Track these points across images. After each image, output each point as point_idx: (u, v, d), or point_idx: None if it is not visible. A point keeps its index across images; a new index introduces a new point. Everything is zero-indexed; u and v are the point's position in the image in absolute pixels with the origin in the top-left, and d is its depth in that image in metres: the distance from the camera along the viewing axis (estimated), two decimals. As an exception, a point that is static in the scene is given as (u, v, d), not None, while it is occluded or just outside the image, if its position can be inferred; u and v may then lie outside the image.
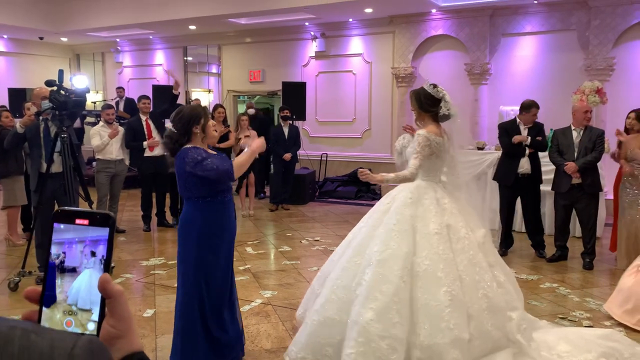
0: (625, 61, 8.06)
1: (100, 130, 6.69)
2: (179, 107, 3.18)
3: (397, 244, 3.08)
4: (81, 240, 0.69)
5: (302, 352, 3.12)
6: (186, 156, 2.98)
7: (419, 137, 3.34)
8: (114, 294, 0.67)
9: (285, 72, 10.83)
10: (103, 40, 12.76)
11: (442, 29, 9.38)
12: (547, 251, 5.84)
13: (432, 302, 2.93)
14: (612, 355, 3.17)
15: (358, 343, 2.87)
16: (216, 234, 3.08)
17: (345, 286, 3.14)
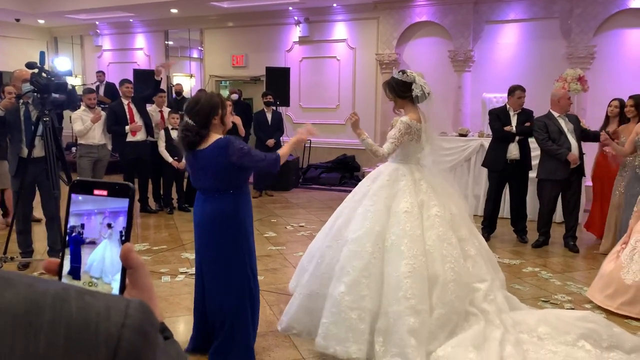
0: (606, 49, 8.17)
1: (82, 114, 6.56)
2: (194, 96, 3.04)
3: (370, 223, 3.30)
4: (100, 211, 0.67)
5: (291, 322, 3.48)
6: (230, 146, 2.84)
7: (400, 124, 3.47)
8: (136, 265, 0.66)
9: (268, 57, 10.74)
10: (82, 23, 12.49)
11: (426, 16, 9.38)
12: (529, 237, 5.94)
13: (394, 273, 3.16)
14: (590, 337, 3.26)
15: (331, 313, 3.17)
16: (249, 222, 3.11)
17: (327, 263, 3.41)
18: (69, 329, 0.49)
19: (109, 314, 0.50)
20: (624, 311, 3.94)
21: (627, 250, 4.09)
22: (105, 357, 0.49)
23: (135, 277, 0.67)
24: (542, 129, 5.59)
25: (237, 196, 2.99)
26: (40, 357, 0.47)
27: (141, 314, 0.53)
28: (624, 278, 3.98)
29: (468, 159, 7.24)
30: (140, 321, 0.52)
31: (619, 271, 4.04)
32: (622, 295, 3.97)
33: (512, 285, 4.50)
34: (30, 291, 0.50)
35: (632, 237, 4.14)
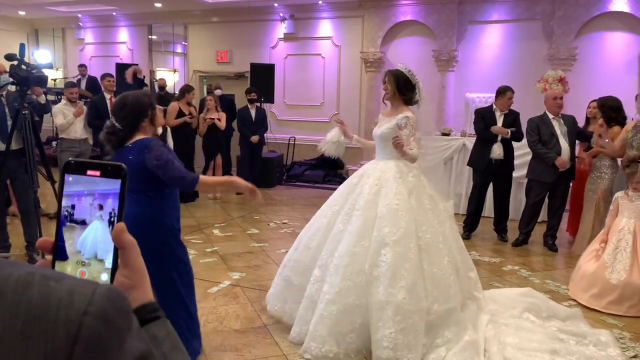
0: (587, 51, 8.29)
1: (63, 108, 6.48)
2: (120, 98, 2.81)
3: (406, 223, 3.23)
4: (90, 193, 0.68)
5: (326, 345, 3.12)
6: (149, 150, 2.66)
7: (409, 120, 3.48)
8: (127, 244, 0.67)
9: (253, 54, 10.70)
10: (63, 15, 12.30)
11: (410, 15, 9.42)
12: (509, 235, 6.01)
13: (440, 271, 3.22)
14: (532, 309, 3.71)
15: (396, 322, 3.03)
16: (172, 226, 2.86)
17: (358, 271, 3.18)
18: (29, 313, 0.48)
19: (72, 299, 0.50)
20: (611, 310, 3.99)
21: (609, 249, 4.13)
22: (65, 343, 0.48)
23: (127, 256, 0.67)
24: (534, 130, 5.62)
25: (157, 199, 2.77)
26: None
27: (106, 301, 0.52)
28: (609, 278, 4.03)
29: (450, 158, 7.30)
30: (104, 308, 0.51)
31: (604, 271, 4.08)
32: (608, 295, 4.02)
33: (492, 283, 4.56)
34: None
35: (613, 236, 4.17)
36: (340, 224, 3.40)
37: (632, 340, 3.56)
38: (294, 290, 3.51)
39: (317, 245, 3.48)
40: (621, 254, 4.08)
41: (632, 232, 4.14)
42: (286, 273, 3.63)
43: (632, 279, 3.98)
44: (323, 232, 3.49)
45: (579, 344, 3.36)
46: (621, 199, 4.30)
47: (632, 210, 4.21)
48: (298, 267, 3.55)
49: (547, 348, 3.23)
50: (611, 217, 4.33)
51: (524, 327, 3.50)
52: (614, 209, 4.33)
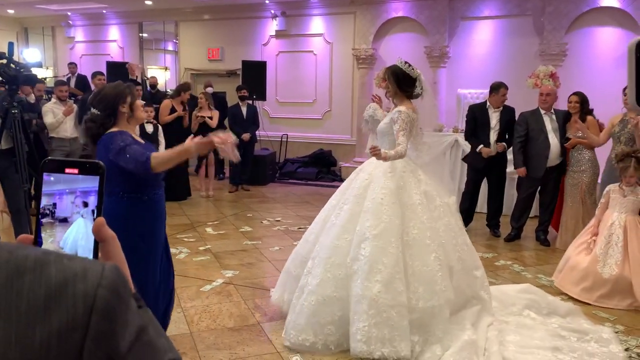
0: (578, 47, 8.33)
1: (53, 107, 6.44)
2: (99, 88, 2.82)
3: (388, 217, 3.22)
4: (72, 191, 0.70)
5: (303, 334, 3.16)
6: (111, 142, 2.55)
7: (400, 114, 3.43)
8: (107, 238, 0.69)
9: (245, 51, 10.67)
10: (53, 13, 12.21)
11: (402, 11, 9.42)
12: (502, 231, 6.04)
13: (425, 267, 3.18)
14: (533, 306, 3.71)
15: (370, 315, 3.03)
16: (143, 236, 2.67)
17: (339, 264, 3.22)
18: (49, 289, 0.53)
19: (85, 274, 0.55)
20: (601, 303, 4.02)
21: (601, 243, 4.14)
22: (83, 313, 0.53)
23: (107, 249, 0.69)
24: (521, 126, 5.65)
25: (128, 199, 2.60)
26: (22, 315, 0.52)
27: (116, 276, 0.57)
28: (600, 272, 4.04)
29: (443, 154, 7.31)
30: (114, 282, 0.56)
31: (595, 265, 4.09)
32: (599, 289, 4.04)
33: (484, 278, 4.57)
34: (12, 257, 0.55)
35: (605, 230, 4.18)
36: (334, 217, 3.45)
37: (624, 334, 3.59)
38: (292, 281, 3.58)
39: (314, 238, 3.54)
40: (612, 248, 4.10)
41: (622, 226, 4.15)
42: (287, 264, 3.73)
43: (624, 273, 4.00)
44: (320, 225, 3.55)
45: (580, 341, 3.35)
46: (613, 193, 4.29)
47: (623, 205, 4.22)
48: (297, 258, 3.63)
49: (549, 345, 3.21)
50: (601, 210, 4.33)
51: (525, 324, 3.50)
52: (605, 201, 4.32)
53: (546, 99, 5.62)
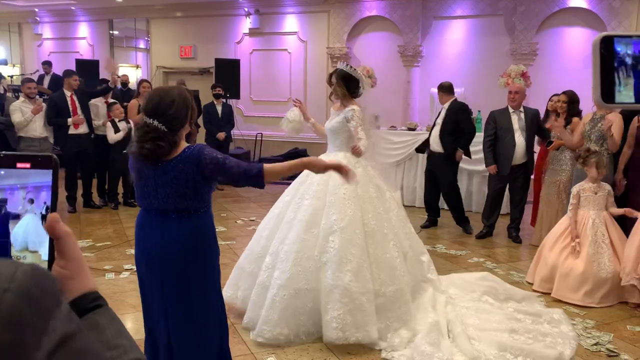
0: (548, 46, 8.48)
1: (21, 105, 6.27)
2: (165, 91, 2.32)
3: (352, 210, 3.41)
4: (23, 186, 0.68)
5: (277, 328, 3.25)
6: (203, 156, 2.23)
7: (354, 112, 3.68)
8: (61, 234, 0.66)
9: (218, 49, 10.57)
10: (19, 9, 11.90)
11: (376, 10, 9.45)
12: (475, 228, 6.10)
13: (385, 255, 3.41)
14: (491, 292, 3.99)
15: (344, 303, 3.20)
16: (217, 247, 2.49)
17: (308, 257, 3.35)
18: None
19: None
20: (602, 304, 4.00)
21: (590, 244, 4.10)
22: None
23: (63, 247, 0.67)
24: (491, 123, 5.74)
25: (207, 214, 2.37)
26: None
27: (29, 279, 0.51)
28: (598, 272, 4.02)
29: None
30: (26, 286, 0.51)
31: (592, 267, 4.05)
32: (600, 289, 4.02)
33: (458, 275, 4.61)
34: None
35: (588, 230, 4.14)
36: (291, 212, 3.56)
37: (596, 329, 3.66)
38: (246, 277, 3.62)
39: (269, 233, 3.63)
40: (601, 246, 4.09)
41: (603, 223, 4.17)
42: (240, 261, 3.78)
43: (616, 268, 4.03)
44: (275, 221, 3.65)
45: (534, 323, 3.63)
46: (584, 192, 4.28)
47: (596, 202, 4.23)
48: (251, 255, 3.68)
49: (505, 328, 3.47)
50: (574, 211, 4.28)
51: (484, 309, 3.77)
52: (577, 202, 4.29)
53: (514, 97, 5.69)
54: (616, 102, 0.66)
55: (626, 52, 0.65)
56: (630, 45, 0.65)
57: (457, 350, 3.16)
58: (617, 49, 0.65)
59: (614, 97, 0.65)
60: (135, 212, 7.54)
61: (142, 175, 2.30)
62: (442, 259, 5.13)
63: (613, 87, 0.65)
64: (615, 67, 0.65)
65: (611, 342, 3.44)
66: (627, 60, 0.65)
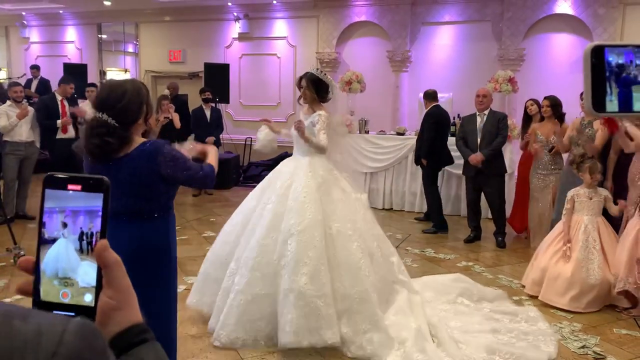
0: (535, 52, 8.56)
1: (7, 109, 6.22)
2: (116, 85, 2.19)
3: (312, 214, 3.41)
4: (62, 209, 0.65)
5: (234, 334, 3.25)
6: (160, 153, 2.13)
7: (321, 117, 3.69)
8: (110, 263, 0.63)
9: (207, 53, 10.55)
10: (6, 13, 11.80)
11: (365, 16, 9.50)
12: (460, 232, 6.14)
13: (349, 256, 3.40)
14: (465, 294, 4.05)
15: (298, 307, 3.17)
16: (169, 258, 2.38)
17: (267, 262, 3.33)
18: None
19: (39, 340, 0.46)
20: (589, 309, 4.00)
21: (580, 250, 4.09)
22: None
23: (111, 276, 0.64)
24: (460, 127, 5.98)
25: (165, 220, 2.28)
26: None
27: (79, 340, 0.48)
28: (586, 277, 4.01)
29: (405, 157, 7.40)
30: (76, 348, 0.48)
31: (580, 272, 4.05)
32: (587, 295, 4.01)
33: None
34: None
35: (580, 235, 4.13)
36: (255, 218, 3.57)
37: (583, 332, 3.69)
38: (211, 283, 3.62)
39: (234, 239, 3.62)
40: (591, 252, 4.07)
41: (596, 229, 4.14)
42: (206, 267, 3.76)
43: (605, 275, 4.02)
44: (240, 226, 3.64)
45: (512, 322, 3.73)
46: (578, 197, 4.26)
47: (591, 208, 4.20)
48: (216, 261, 3.68)
49: (488, 328, 3.55)
50: (568, 216, 4.27)
51: (461, 311, 3.84)
52: (571, 207, 4.28)
53: (481, 100, 5.79)
54: (607, 111, 0.66)
55: (617, 62, 0.66)
56: (622, 55, 0.66)
57: (445, 355, 3.14)
58: (608, 58, 0.66)
59: (604, 106, 0.66)
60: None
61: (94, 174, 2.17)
62: (431, 262, 5.15)
63: (604, 96, 0.66)
64: (606, 77, 0.66)
65: (598, 345, 3.48)
66: (617, 70, 0.66)
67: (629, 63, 0.66)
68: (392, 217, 7.08)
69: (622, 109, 0.67)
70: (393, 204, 7.51)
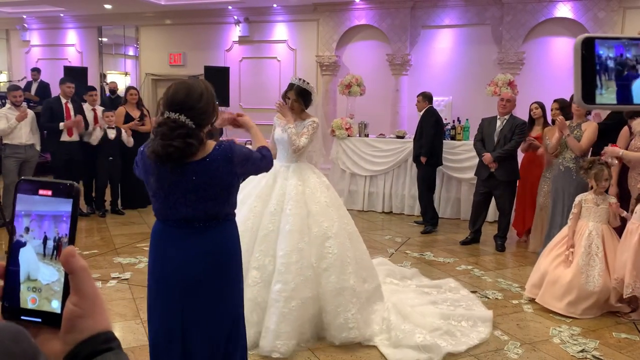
0: (534, 56, 8.58)
1: (6, 112, 6.22)
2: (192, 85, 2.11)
3: (337, 216, 3.59)
4: (27, 214, 0.66)
5: (292, 340, 3.27)
6: (233, 153, 2.09)
7: (313, 123, 3.70)
8: (76, 269, 0.63)
9: (207, 56, 10.57)
10: (7, 16, 11.83)
11: (365, 19, 9.51)
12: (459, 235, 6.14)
13: (363, 255, 3.69)
14: (391, 274, 4.47)
15: (353, 304, 3.39)
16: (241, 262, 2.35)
17: (307, 265, 3.41)
18: None
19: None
20: (585, 315, 3.95)
21: (582, 255, 4.04)
22: None
23: (77, 282, 0.63)
24: (479, 130, 5.92)
25: (234, 221, 2.24)
26: None
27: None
28: (585, 284, 3.96)
29: (405, 161, 7.40)
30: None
31: (579, 278, 4.00)
32: (584, 301, 3.96)
33: (446, 283, 4.63)
34: None
35: (583, 241, 4.08)
36: (269, 224, 3.47)
37: (582, 336, 3.68)
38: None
39: (247, 247, 3.45)
40: (593, 259, 4.01)
41: (600, 236, 4.07)
42: None
43: (606, 283, 3.97)
44: (250, 234, 3.46)
45: (440, 293, 4.16)
46: (585, 203, 4.20)
47: (597, 214, 4.14)
48: None
49: (425, 301, 3.94)
50: (574, 220, 4.22)
51: (394, 290, 4.15)
52: (577, 212, 4.22)
53: (503, 104, 5.77)
54: (597, 103, 0.66)
55: (607, 54, 0.65)
56: (612, 48, 0.65)
57: (414, 326, 3.47)
58: (599, 50, 0.65)
59: (594, 99, 0.65)
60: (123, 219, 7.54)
61: (164, 181, 2.06)
62: (430, 266, 5.14)
63: (594, 88, 0.65)
64: (596, 69, 0.65)
65: (597, 349, 3.46)
66: (608, 62, 0.65)
67: (619, 56, 0.66)
68: (392, 220, 7.07)
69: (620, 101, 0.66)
70: (393, 207, 7.51)
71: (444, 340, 3.39)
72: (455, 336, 3.49)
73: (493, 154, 5.62)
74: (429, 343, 3.29)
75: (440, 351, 3.27)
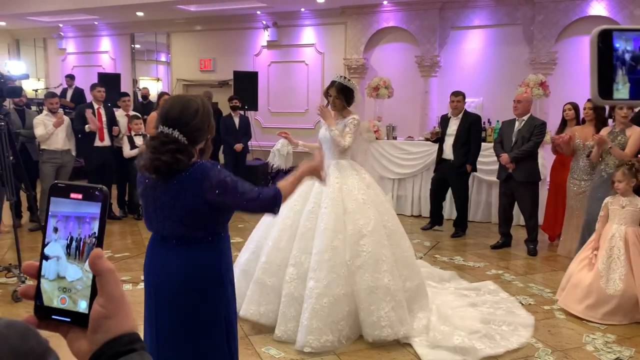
0: (567, 56, 8.37)
1: (44, 119, 6.43)
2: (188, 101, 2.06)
3: (374, 214, 3.59)
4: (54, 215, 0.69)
5: (324, 336, 3.33)
6: (207, 177, 1.95)
7: (353, 120, 3.74)
8: (103, 271, 0.64)
9: (236, 61, 10.68)
10: (45, 25, 12.21)
11: (393, 21, 9.46)
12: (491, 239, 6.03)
13: (405, 253, 3.70)
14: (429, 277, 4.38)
15: (387, 302, 3.39)
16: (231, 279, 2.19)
17: (340, 263, 3.44)
18: None
19: None
20: (607, 321, 3.85)
21: (602, 258, 3.96)
22: None
23: (103, 284, 0.65)
24: (498, 132, 5.93)
25: (214, 247, 2.07)
26: None
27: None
28: (605, 288, 3.87)
29: (434, 163, 7.31)
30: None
31: (598, 281, 3.92)
32: (604, 306, 3.87)
33: (475, 288, 4.56)
34: None
35: (605, 244, 4.00)
36: (307, 222, 3.59)
37: (617, 344, 3.57)
38: (268, 292, 3.60)
39: (286, 245, 3.63)
40: (615, 262, 3.92)
41: (623, 239, 3.97)
42: (258, 275, 3.66)
43: (629, 288, 3.85)
44: (289, 231, 3.64)
45: (479, 295, 4.12)
46: (611, 205, 4.12)
47: (622, 217, 4.04)
48: (270, 268, 3.63)
49: (465, 303, 3.91)
50: (602, 223, 4.15)
51: (434, 292, 4.09)
52: (605, 214, 4.15)
53: (515, 106, 5.70)
54: (614, 98, 0.63)
55: (625, 47, 0.62)
56: (630, 40, 0.62)
57: (454, 328, 3.46)
58: (616, 43, 0.62)
59: (611, 94, 0.63)
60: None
61: (145, 193, 2.07)
62: (460, 270, 5.07)
63: (611, 82, 0.62)
64: (613, 62, 0.62)
65: (632, 357, 3.35)
66: (625, 55, 0.62)
67: (638, 49, 0.62)
68: (421, 224, 6.99)
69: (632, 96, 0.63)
70: (422, 210, 7.43)
71: (482, 343, 3.39)
72: (494, 339, 3.47)
73: (510, 154, 5.53)
74: (466, 345, 3.29)
75: (476, 354, 3.26)
